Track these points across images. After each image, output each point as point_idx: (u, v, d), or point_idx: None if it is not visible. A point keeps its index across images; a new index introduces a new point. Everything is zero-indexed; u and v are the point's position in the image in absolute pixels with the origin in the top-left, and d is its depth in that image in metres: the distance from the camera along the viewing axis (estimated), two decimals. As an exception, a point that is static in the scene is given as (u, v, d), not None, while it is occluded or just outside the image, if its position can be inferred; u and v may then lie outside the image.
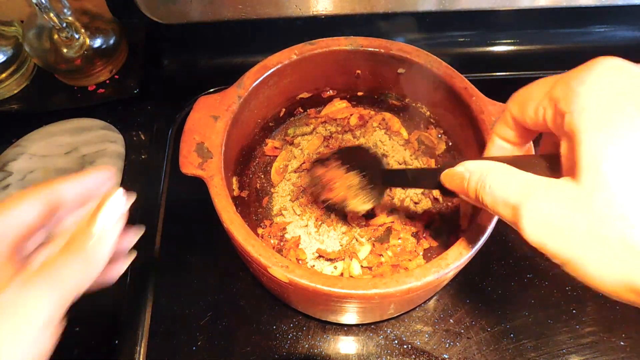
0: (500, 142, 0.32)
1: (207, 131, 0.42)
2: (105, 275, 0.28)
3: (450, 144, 0.53)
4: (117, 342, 0.50)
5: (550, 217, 0.23)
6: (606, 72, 0.23)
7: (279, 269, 0.36)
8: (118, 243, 0.26)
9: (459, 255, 0.37)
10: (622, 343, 0.50)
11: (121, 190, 0.26)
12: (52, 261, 0.24)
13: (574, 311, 0.51)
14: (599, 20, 0.69)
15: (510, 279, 0.53)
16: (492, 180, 0.27)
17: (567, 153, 0.24)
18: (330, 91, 0.56)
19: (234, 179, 0.51)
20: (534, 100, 0.27)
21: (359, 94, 0.56)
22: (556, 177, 0.24)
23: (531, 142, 0.35)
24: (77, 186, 0.27)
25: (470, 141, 0.47)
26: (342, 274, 0.50)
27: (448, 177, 0.32)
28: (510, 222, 0.26)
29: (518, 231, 0.25)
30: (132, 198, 0.27)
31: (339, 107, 0.57)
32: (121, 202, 0.26)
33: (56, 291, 0.24)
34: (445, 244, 0.50)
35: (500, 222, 0.39)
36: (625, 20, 0.69)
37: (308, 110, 0.58)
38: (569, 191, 0.23)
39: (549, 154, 0.28)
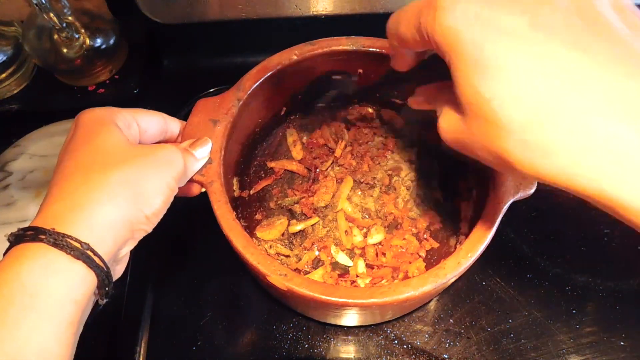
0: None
1: (207, 136, 0.42)
2: (191, 187, 0.41)
3: None
4: (117, 342, 0.50)
5: (451, 124, 0.29)
6: None
7: (277, 277, 0.36)
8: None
9: (457, 265, 0.37)
10: (622, 343, 0.50)
11: (210, 140, 0.42)
12: (182, 147, 0.39)
13: (574, 311, 0.52)
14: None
15: (510, 279, 0.53)
16: None
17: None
18: (332, 90, 0.56)
19: (235, 180, 0.51)
20: (403, 20, 0.30)
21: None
22: None
23: None
24: (178, 126, 0.42)
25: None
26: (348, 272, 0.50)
27: (413, 102, 0.38)
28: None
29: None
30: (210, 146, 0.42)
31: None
32: (209, 146, 0.41)
33: (184, 159, 0.37)
34: (447, 246, 0.50)
35: (500, 224, 0.39)
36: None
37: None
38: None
39: None
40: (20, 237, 0.29)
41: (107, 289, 0.31)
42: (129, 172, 0.32)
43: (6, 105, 0.63)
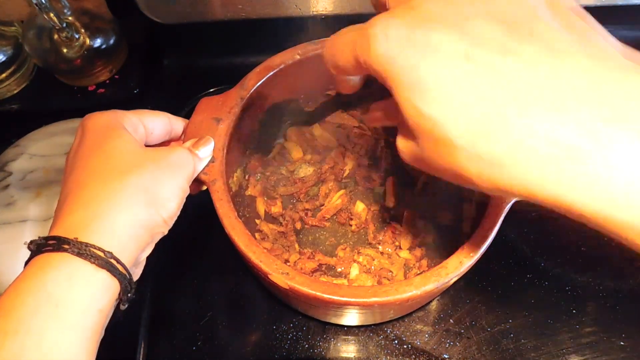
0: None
1: (209, 134, 0.42)
2: (198, 185, 0.42)
3: None
4: (117, 342, 0.50)
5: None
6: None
7: (279, 276, 0.36)
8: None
9: (459, 265, 0.37)
10: (622, 343, 0.50)
11: (212, 140, 0.41)
12: (185, 147, 0.39)
13: (574, 311, 0.52)
14: (599, 20, 0.69)
15: (510, 279, 0.53)
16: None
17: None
18: (335, 89, 0.56)
19: (236, 177, 0.51)
20: (340, 49, 0.30)
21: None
22: None
23: None
24: (182, 125, 0.42)
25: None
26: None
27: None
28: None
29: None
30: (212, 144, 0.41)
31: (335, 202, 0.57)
32: (211, 145, 0.41)
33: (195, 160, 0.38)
34: (449, 245, 0.50)
35: (503, 224, 0.39)
36: (625, 20, 0.69)
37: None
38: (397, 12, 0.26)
39: None
40: (42, 246, 0.29)
41: (129, 294, 0.32)
42: (144, 177, 0.33)
43: (6, 105, 0.63)
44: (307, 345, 0.50)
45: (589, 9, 0.31)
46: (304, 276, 0.37)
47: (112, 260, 0.29)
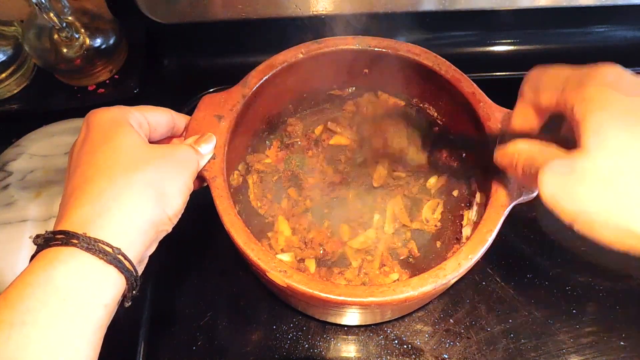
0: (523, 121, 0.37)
1: (211, 131, 0.42)
2: (199, 182, 0.42)
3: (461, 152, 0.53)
4: (117, 342, 0.50)
5: (561, 180, 0.29)
6: (608, 75, 0.29)
7: (277, 274, 0.36)
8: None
9: (457, 267, 0.37)
10: (622, 343, 0.50)
11: (214, 137, 0.42)
12: (187, 144, 0.40)
13: (574, 311, 0.52)
14: (599, 20, 0.69)
15: (510, 279, 0.53)
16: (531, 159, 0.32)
17: (576, 132, 0.30)
18: (337, 89, 0.56)
19: (236, 174, 0.51)
20: (548, 89, 0.33)
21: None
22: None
23: None
24: (184, 122, 0.43)
25: (477, 147, 0.47)
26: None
27: (501, 155, 0.36)
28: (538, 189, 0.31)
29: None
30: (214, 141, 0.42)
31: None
32: (213, 142, 0.41)
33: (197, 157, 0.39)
34: (449, 246, 0.50)
35: (503, 224, 0.39)
36: (625, 20, 0.69)
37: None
38: (574, 160, 0.28)
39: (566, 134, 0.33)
40: (49, 240, 0.29)
41: (134, 292, 0.32)
42: (151, 174, 0.33)
43: (6, 105, 0.63)
44: (307, 345, 0.50)
45: (589, 9, 0.31)
46: (302, 274, 0.37)
47: (120, 257, 0.29)
